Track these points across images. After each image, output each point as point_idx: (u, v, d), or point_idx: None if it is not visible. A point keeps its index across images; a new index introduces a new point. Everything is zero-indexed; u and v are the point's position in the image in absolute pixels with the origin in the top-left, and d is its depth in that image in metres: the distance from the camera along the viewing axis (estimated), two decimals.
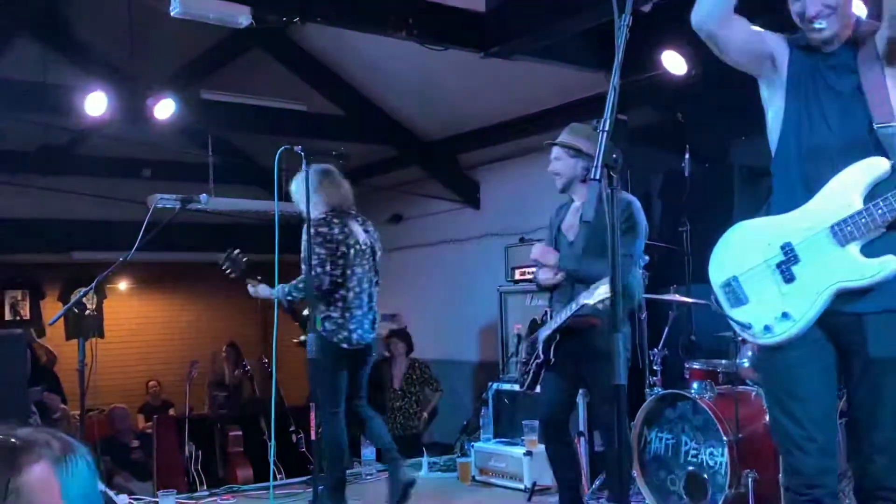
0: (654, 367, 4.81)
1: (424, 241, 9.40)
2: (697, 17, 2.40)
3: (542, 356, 3.87)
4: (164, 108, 6.70)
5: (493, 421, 5.77)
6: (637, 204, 3.84)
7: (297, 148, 3.65)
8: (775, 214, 2.46)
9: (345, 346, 4.44)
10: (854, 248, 2.28)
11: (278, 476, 5.24)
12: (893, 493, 2.28)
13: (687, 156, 5.40)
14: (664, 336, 4.86)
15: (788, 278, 2.38)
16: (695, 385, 4.42)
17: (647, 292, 4.95)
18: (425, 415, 7.99)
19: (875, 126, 2.24)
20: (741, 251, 2.52)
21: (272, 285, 4.30)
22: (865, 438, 2.31)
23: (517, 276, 6.53)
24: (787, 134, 2.45)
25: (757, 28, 2.54)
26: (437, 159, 8.69)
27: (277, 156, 3.63)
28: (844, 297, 2.29)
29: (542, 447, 5.14)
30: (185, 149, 8.52)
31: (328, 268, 4.32)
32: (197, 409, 7.78)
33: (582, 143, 3.86)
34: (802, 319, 2.35)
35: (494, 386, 5.81)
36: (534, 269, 4.10)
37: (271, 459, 4.64)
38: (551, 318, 3.87)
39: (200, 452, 5.72)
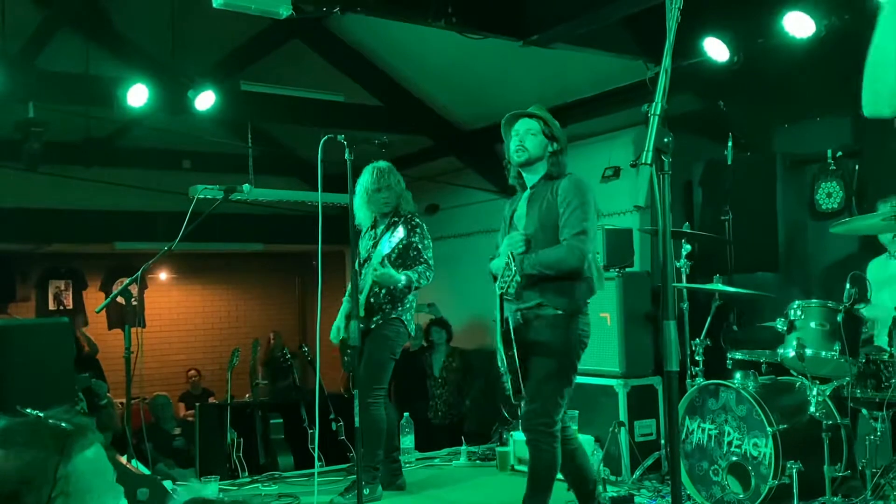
0: (696, 358, 4.76)
1: (461, 231, 9.39)
2: (869, 110, 2.12)
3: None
4: (205, 100, 6.75)
5: None
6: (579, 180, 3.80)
7: (340, 137, 3.66)
8: None
9: (412, 333, 4.89)
10: None
11: (320, 463, 5.26)
12: None
13: (729, 143, 5.33)
14: (706, 326, 4.80)
15: None
16: (737, 375, 4.39)
17: (689, 281, 4.91)
18: (468, 402, 8.01)
19: None
20: None
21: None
22: None
23: None
24: None
25: None
26: (474, 149, 8.66)
27: (321, 145, 3.64)
28: None
29: (582, 437, 5.15)
30: (225, 140, 8.59)
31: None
32: (238, 397, 7.86)
33: (556, 126, 3.85)
34: None
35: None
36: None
37: (316, 446, 4.66)
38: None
39: (242, 440, 5.78)
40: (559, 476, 4.88)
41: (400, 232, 4.51)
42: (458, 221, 9.44)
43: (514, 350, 3.66)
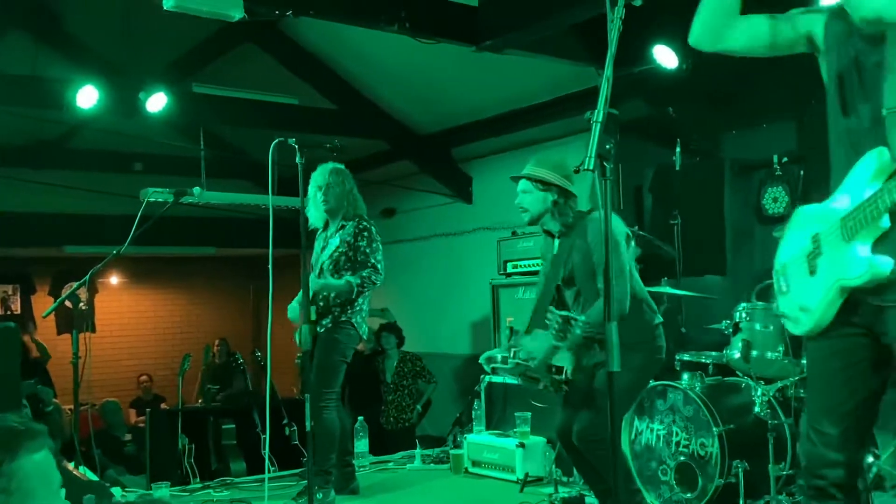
0: None
1: (417, 234, 9.42)
2: (693, 38, 2.36)
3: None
4: (157, 102, 6.70)
5: (486, 413, 5.80)
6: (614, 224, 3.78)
7: (291, 140, 3.66)
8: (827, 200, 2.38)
9: (364, 337, 4.86)
10: (859, 245, 2.20)
11: (272, 468, 5.24)
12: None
13: (678, 149, 5.44)
14: None
15: (812, 270, 2.35)
16: (685, 376, 4.47)
17: None
18: (419, 407, 8.02)
19: (884, 111, 2.13)
20: (793, 238, 2.48)
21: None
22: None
23: (509, 270, 6.55)
24: (830, 112, 2.35)
25: (783, 14, 2.43)
26: (430, 153, 8.70)
27: (272, 148, 3.64)
28: (868, 288, 2.21)
29: (534, 439, 5.22)
30: (176, 143, 8.51)
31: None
32: (189, 402, 7.79)
33: (550, 174, 3.75)
34: (816, 313, 2.32)
35: (487, 379, 5.84)
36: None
37: (266, 451, 4.65)
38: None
39: (193, 445, 5.73)
40: (539, 475, 4.99)
41: (336, 239, 4.53)
42: (415, 225, 9.48)
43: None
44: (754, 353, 4.17)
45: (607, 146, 1.96)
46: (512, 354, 3.75)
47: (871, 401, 2.33)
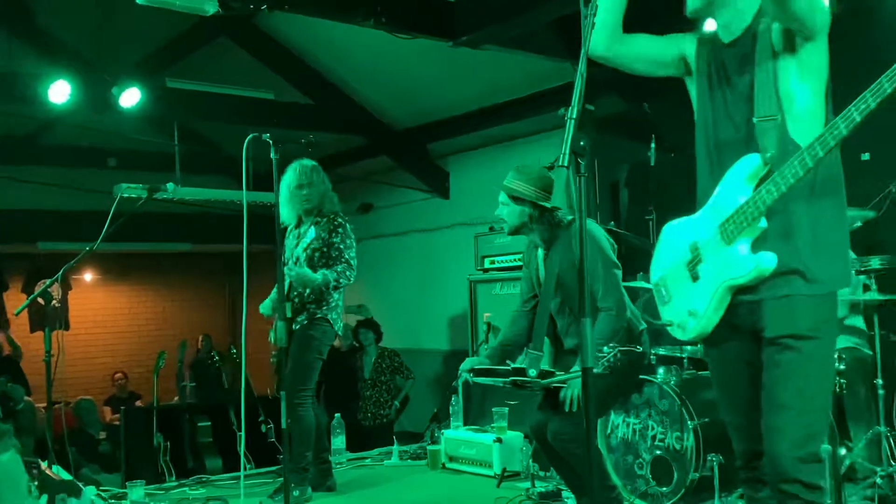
0: None
1: (394, 230, 9.42)
2: (591, 51, 2.43)
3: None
4: (130, 97, 6.66)
5: (463, 409, 5.81)
6: (597, 232, 3.73)
7: (266, 136, 3.64)
8: (696, 213, 2.52)
9: (339, 333, 4.85)
10: (741, 246, 2.31)
11: (248, 466, 5.22)
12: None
13: (652, 145, 5.46)
14: None
15: (695, 277, 2.46)
16: (660, 370, 4.50)
17: None
18: (397, 403, 8.03)
19: (755, 119, 2.29)
20: (667, 251, 2.61)
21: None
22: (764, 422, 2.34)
23: (487, 265, 6.56)
24: (699, 129, 2.51)
25: (662, 36, 2.61)
26: (407, 148, 8.70)
27: (246, 144, 3.62)
28: (746, 288, 2.34)
29: (511, 434, 5.24)
30: (151, 138, 8.45)
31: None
32: (165, 400, 7.74)
33: (525, 187, 3.70)
34: (704, 316, 2.43)
35: (463, 376, 5.84)
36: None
37: (242, 448, 4.62)
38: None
39: (169, 443, 5.69)
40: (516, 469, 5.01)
41: (311, 232, 4.51)
42: (392, 221, 9.47)
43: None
44: None
45: (581, 142, 1.96)
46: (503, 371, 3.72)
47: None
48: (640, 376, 4.29)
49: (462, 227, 8.27)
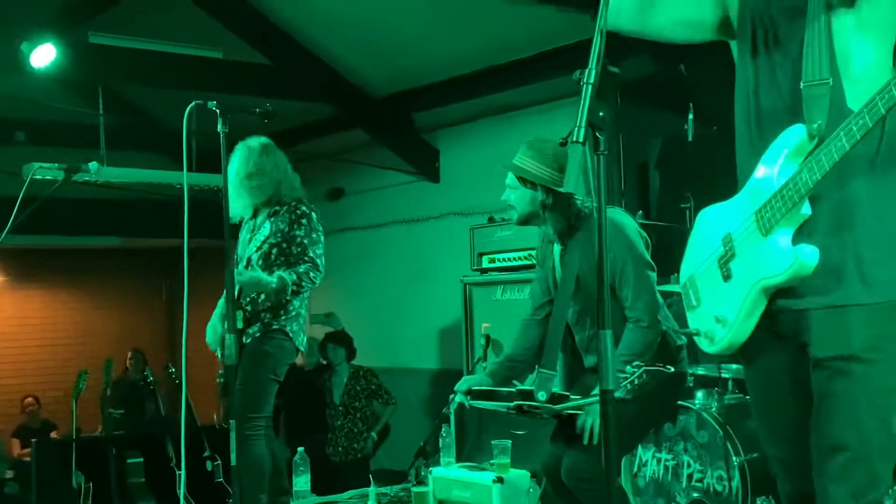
0: None
1: (371, 221, 9.42)
2: (610, 20, 2.38)
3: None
4: (43, 55, 6.64)
5: (456, 441, 5.82)
6: (626, 223, 3.76)
7: (212, 104, 3.64)
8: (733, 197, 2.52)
9: (301, 349, 4.88)
10: (780, 237, 2.29)
11: None
12: None
13: (690, 116, 5.48)
14: None
15: (726, 276, 2.46)
16: (699, 394, 4.52)
17: None
18: (373, 435, 8.03)
19: (802, 85, 2.27)
20: (699, 245, 2.62)
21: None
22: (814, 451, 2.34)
23: (485, 265, 6.57)
24: (739, 97, 2.51)
25: None
26: (387, 120, 8.68)
27: (186, 114, 3.62)
28: (788, 292, 2.32)
29: (515, 473, 5.24)
30: (69, 106, 8.41)
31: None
32: (87, 431, 7.72)
33: (539, 168, 3.70)
34: (735, 324, 2.42)
35: (457, 398, 5.85)
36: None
37: (182, 490, 4.65)
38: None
39: (91, 484, 5.70)
40: None
41: (267, 226, 4.51)
42: (369, 209, 9.47)
43: None
44: None
45: (601, 113, 1.96)
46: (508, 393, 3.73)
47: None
48: (677, 402, 4.31)
49: (455, 217, 8.28)
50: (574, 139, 1.94)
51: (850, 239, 2.26)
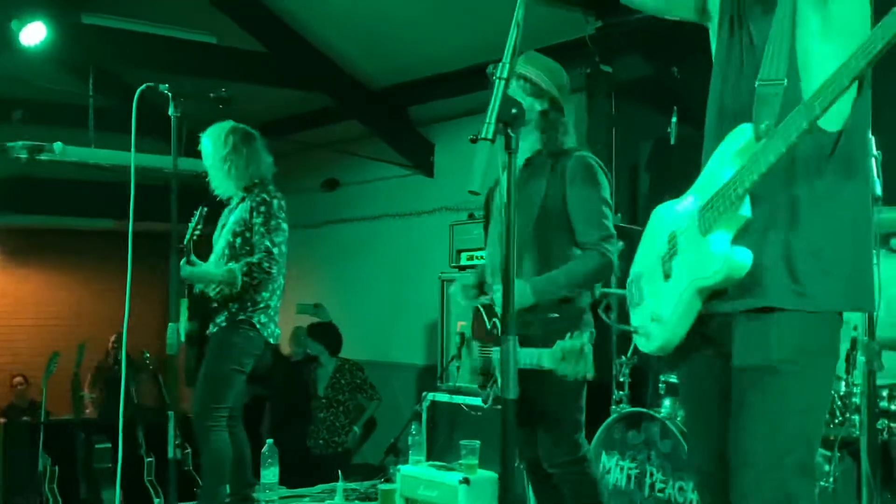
0: (621, 379, 4.82)
1: (364, 213, 9.38)
2: None
3: None
4: (34, 33, 6.62)
5: (427, 439, 5.77)
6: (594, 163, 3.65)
7: (163, 87, 3.62)
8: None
9: (270, 341, 4.85)
10: (716, 238, 2.22)
11: (156, 500, 5.21)
12: None
13: (673, 119, 5.40)
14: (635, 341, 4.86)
15: (667, 274, 2.42)
16: (666, 402, 4.46)
17: (620, 286, 4.96)
18: (356, 428, 8.00)
19: (756, 83, 2.20)
20: (649, 242, 2.59)
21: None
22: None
23: (463, 262, 6.52)
24: (710, 94, 2.46)
25: None
26: (382, 112, 8.65)
27: (136, 96, 3.60)
28: (719, 294, 2.26)
29: (483, 474, 5.18)
30: (61, 86, 8.39)
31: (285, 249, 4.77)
32: (60, 413, 7.72)
33: (543, 78, 3.64)
34: (669, 323, 2.38)
35: (430, 396, 5.82)
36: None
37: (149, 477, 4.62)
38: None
39: (57, 467, 5.68)
40: None
41: (236, 214, 4.49)
42: (362, 201, 9.42)
43: None
44: None
45: (513, 110, 1.90)
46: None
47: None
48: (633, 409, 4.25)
49: (448, 212, 8.21)
50: (483, 136, 1.88)
51: (786, 240, 2.19)
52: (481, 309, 3.73)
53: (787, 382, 2.16)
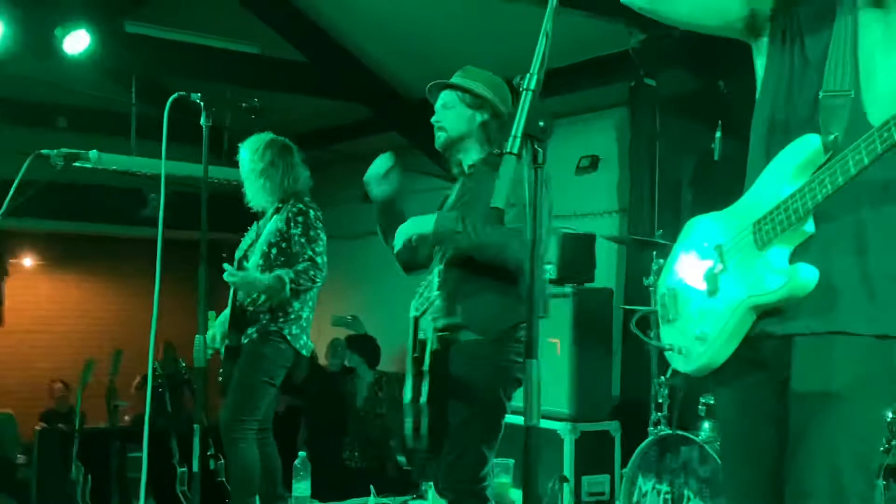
0: (660, 400, 4.71)
1: None
2: None
3: None
4: (77, 41, 6.67)
5: None
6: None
7: (196, 96, 3.62)
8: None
9: (303, 353, 4.79)
10: (776, 252, 2.14)
11: None
12: None
13: (717, 134, 5.30)
14: None
15: (713, 290, 2.30)
16: (705, 426, 4.36)
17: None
18: (392, 443, 7.94)
19: (821, 94, 2.13)
20: (687, 254, 2.48)
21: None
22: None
23: None
24: (758, 107, 2.39)
25: None
26: (422, 124, 8.54)
27: (168, 104, 3.59)
28: (774, 315, 2.16)
29: (515, 493, 5.11)
30: (104, 94, 8.47)
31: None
32: (93, 422, 7.73)
33: (484, 88, 3.71)
34: (716, 343, 2.26)
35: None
36: None
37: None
38: None
39: (90, 476, 5.67)
40: None
41: (271, 224, 4.47)
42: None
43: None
44: None
45: (541, 123, 1.82)
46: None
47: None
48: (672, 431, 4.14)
49: None
50: (508, 150, 1.81)
51: (860, 264, 2.10)
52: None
53: (851, 410, 2.07)
